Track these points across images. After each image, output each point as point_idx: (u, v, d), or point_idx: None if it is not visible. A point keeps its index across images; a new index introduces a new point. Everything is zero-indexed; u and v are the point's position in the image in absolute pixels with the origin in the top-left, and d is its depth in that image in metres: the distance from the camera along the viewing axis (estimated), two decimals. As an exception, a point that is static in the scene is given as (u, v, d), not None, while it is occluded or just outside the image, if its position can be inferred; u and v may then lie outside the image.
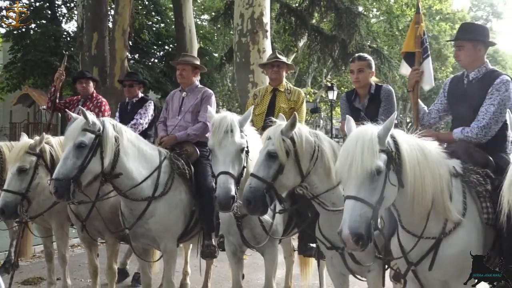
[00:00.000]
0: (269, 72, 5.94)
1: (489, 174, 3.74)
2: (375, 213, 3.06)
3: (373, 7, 25.19)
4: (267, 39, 11.09)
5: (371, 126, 3.24)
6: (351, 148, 3.11)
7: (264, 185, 3.73)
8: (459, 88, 4.33)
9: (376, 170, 3.07)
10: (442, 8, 26.65)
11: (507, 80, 4.09)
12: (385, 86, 5.00)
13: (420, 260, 3.50)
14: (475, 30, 4.43)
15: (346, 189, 3.10)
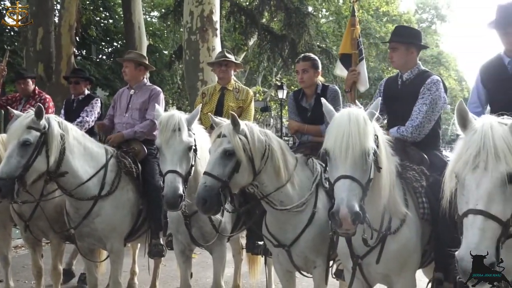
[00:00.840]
0: (217, 71, 5.94)
1: (424, 170, 3.87)
2: (364, 194, 3.08)
3: (323, 8, 25.48)
4: (216, 37, 11.08)
5: (358, 109, 3.28)
6: (346, 128, 3.09)
7: (219, 183, 3.71)
8: (394, 89, 4.48)
9: (371, 150, 3.10)
10: (389, 10, 27.31)
11: (438, 80, 4.26)
12: (331, 86, 5.10)
13: (367, 254, 3.57)
14: (408, 33, 4.60)
15: (340, 168, 3.05)
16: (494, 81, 3.99)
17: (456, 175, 2.56)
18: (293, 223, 4.16)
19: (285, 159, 4.13)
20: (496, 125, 2.51)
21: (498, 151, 2.42)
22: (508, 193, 2.41)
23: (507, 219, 2.40)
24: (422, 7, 43.86)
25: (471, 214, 2.41)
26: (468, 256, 2.32)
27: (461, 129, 2.62)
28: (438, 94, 4.21)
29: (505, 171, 2.39)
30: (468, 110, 2.63)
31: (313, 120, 5.00)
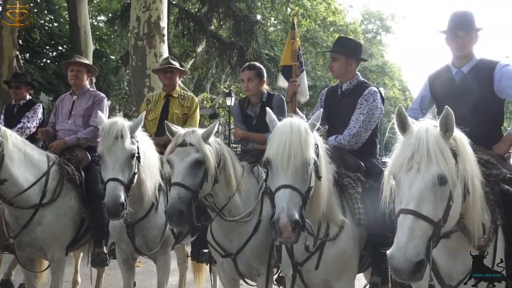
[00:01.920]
0: (162, 78, 5.90)
1: (359, 177, 3.96)
2: (304, 202, 3.14)
3: (271, 16, 25.73)
4: (164, 43, 11.01)
5: (300, 119, 3.35)
6: (288, 138, 3.15)
7: (191, 194, 3.67)
8: (334, 99, 4.60)
9: (311, 160, 3.17)
10: (336, 20, 27.81)
11: (375, 91, 4.40)
12: (276, 94, 5.16)
13: (306, 260, 3.63)
14: (349, 45, 4.73)
15: (281, 177, 3.11)
16: (442, 91, 4.11)
17: (393, 176, 2.64)
18: (239, 232, 4.17)
19: (235, 168, 4.15)
20: (431, 128, 2.61)
21: (430, 154, 2.51)
22: (439, 194, 2.49)
23: (439, 220, 2.48)
24: (368, 18, 44.85)
25: (402, 214, 2.48)
26: (398, 255, 2.38)
27: (401, 132, 2.71)
28: (375, 104, 4.34)
29: (436, 172, 2.48)
30: (407, 114, 2.71)
31: (258, 128, 5.03)
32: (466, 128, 3.36)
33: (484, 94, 3.89)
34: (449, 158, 2.54)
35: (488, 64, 3.98)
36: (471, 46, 4.03)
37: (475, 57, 4.03)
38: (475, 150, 3.33)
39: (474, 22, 4.03)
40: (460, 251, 3.00)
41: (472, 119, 3.67)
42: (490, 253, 3.05)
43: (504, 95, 3.96)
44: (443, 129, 2.60)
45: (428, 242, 2.44)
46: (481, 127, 3.73)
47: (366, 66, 36.52)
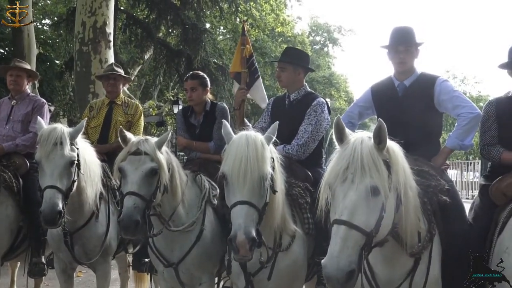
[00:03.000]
0: (105, 85, 5.83)
1: (308, 187, 4.03)
2: (261, 218, 3.14)
3: (220, 25, 25.79)
4: (110, 49, 10.85)
5: (255, 133, 3.34)
6: (244, 152, 3.13)
7: (145, 203, 3.63)
8: (281, 108, 4.65)
9: (268, 175, 3.17)
10: (284, 31, 28.14)
11: (323, 102, 4.48)
12: (220, 104, 5.17)
13: (258, 271, 3.62)
14: (297, 55, 4.80)
15: (238, 193, 3.09)
16: (384, 102, 4.21)
17: (329, 186, 2.69)
18: (180, 241, 4.15)
19: (181, 178, 4.13)
20: (366, 140, 2.67)
21: (364, 165, 2.57)
22: (372, 205, 2.55)
23: (371, 230, 2.53)
24: (316, 29, 45.47)
25: (336, 224, 2.53)
26: (331, 264, 2.43)
27: (338, 143, 2.76)
28: (323, 115, 4.42)
29: (369, 184, 2.54)
30: (344, 125, 2.78)
31: (201, 137, 5.04)
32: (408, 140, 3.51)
33: (425, 107, 4.02)
34: (382, 169, 2.60)
35: (428, 79, 4.11)
36: (411, 60, 4.14)
37: (416, 71, 4.15)
38: (416, 161, 3.48)
39: (414, 37, 4.13)
40: (396, 258, 3.08)
41: (412, 131, 3.82)
42: (425, 261, 3.17)
43: (443, 109, 4.10)
44: (377, 141, 2.67)
45: (360, 251, 2.49)
46: (421, 139, 3.87)
47: (313, 77, 36.99)
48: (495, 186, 3.76)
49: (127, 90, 10.72)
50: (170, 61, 18.44)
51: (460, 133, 4.01)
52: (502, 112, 4.04)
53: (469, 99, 4.20)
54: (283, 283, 3.71)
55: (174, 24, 17.91)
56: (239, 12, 18.60)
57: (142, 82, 25.56)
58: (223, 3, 18.82)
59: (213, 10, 19.40)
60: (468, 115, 3.97)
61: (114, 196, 4.79)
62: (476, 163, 22.56)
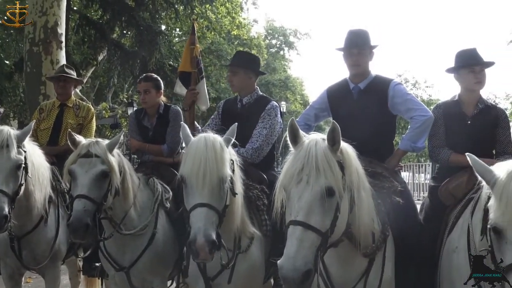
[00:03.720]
0: (56, 87, 5.73)
1: (264, 189, 4.04)
2: (221, 220, 3.13)
3: (176, 27, 25.61)
4: (61, 50, 10.60)
5: (214, 135, 3.32)
6: (203, 155, 3.11)
7: (95, 206, 3.58)
8: (233, 111, 4.63)
9: (227, 177, 3.16)
10: (240, 34, 28.17)
11: (276, 106, 4.52)
12: (173, 106, 5.15)
13: (218, 274, 3.60)
14: (248, 59, 4.83)
15: (197, 196, 3.08)
16: (340, 104, 4.25)
17: (284, 188, 2.70)
18: (132, 245, 4.11)
19: (132, 180, 4.09)
20: (320, 142, 2.70)
21: (319, 166, 2.60)
22: (327, 205, 2.58)
23: (326, 230, 2.56)
24: (272, 33, 45.66)
25: (292, 225, 2.55)
26: (287, 265, 2.44)
27: (292, 145, 2.78)
28: (276, 119, 4.46)
29: (324, 185, 2.57)
30: (299, 127, 2.79)
31: (154, 139, 5.00)
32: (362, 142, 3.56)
33: (379, 109, 4.09)
34: (336, 170, 2.64)
35: (382, 82, 4.18)
36: (366, 63, 4.19)
37: (371, 74, 4.21)
38: (370, 163, 3.54)
39: (369, 40, 4.19)
40: (351, 259, 3.13)
41: (367, 133, 3.87)
42: (379, 261, 3.23)
43: (396, 112, 4.18)
44: (331, 143, 2.70)
45: (316, 252, 2.51)
46: (375, 141, 3.94)
47: (269, 80, 37.21)
48: (444, 187, 3.87)
49: (79, 92, 10.51)
50: (125, 62, 18.15)
51: (412, 136, 4.09)
52: (449, 115, 4.17)
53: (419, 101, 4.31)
54: (242, 285, 3.71)
55: (129, 25, 17.64)
56: (195, 14, 18.47)
57: (96, 83, 25.09)
58: (179, 5, 18.70)
59: (168, 12, 19.22)
60: (421, 118, 4.05)
61: (64, 199, 4.68)
62: (427, 165, 23.11)
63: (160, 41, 18.01)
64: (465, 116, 4.18)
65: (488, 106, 4.26)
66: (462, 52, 4.27)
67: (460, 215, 3.49)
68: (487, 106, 4.25)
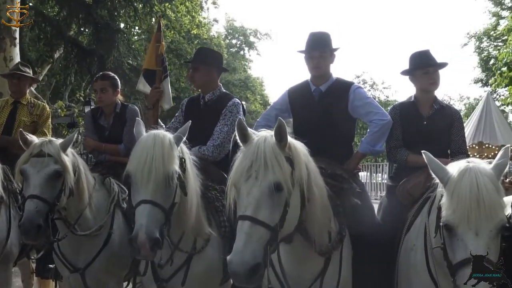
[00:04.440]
0: (9, 84, 5.59)
1: (224, 189, 4.02)
2: (167, 219, 3.08)
3: (135, 25, 25.31)
4: (15, 47, 10.34)
5: (165, 132, 3.29)
6: (150, 151, 3.08)
7: (48, 207, 3.49)
8: (196, 109, 4.60)
9: (174, 174, 3.11)
10: (200, 33, 28.04)
11: (238, 103, 4.50)
12: (130, 105, 5.09)
13: (172, 276, 3.55)
14: (210, 55, 4.78)
15: (141, 193, 3.03)
16: (301, 106, 4.26)
17: (234, 185, 2.70)
18: (87, 246, 4.04)
19: (88, 180, 4.01)
20: (269, 138, 2.71)
21: (267, 162, 2.60)
22: (275, 200, 2.58)
23: (275, 224, 2.56)
24: (232, 33, 45.65)
25: (240, 220, 2.55)
26: (236, 259, 2.43)
27: (242, 143, 2.78)
28: (238, 116, 4.38)
29: (272, 180, 2.57)
30: (246, 126, 2.79)
31: (111, 139, 4.93)
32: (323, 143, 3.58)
33: (339, 112, 4.11)
34: (284, 166, 2.65)
35: (343, 85, 4.21)
36: (327, 66, 4.21)
37: (332, 77, 4.23)
38: (330, 165, 3.56)
39: (330, 42, 4.20)
40: (307, 258, 3.14)
41: (327, 135, 3.92)
42: (336, 262, 3.25)
43: (356, 115, 4.20)
44: (278, 139, 2.70)
45: (265, 246, 2.51)
46: (336, 143, 3.99)
47: (229, 80, 37.17)
48: (402, 187, 3.94)
49: (34, 90, 10.26)
50: (82, 60, 17.82)
51: (371, 139, 4.13)
52: (406, 116, 4.25)
53: (379, 104, 4.34)
54: (198, 287, 3.66)
55: (86, 23, 17.35)
56: (154, 13, 18.28)
57: (53, 81, 24.56)
58: (138, 3, 18.46)
59: (127, 10, 18.95)
60: (380, 122, 4.09)
61: (16, 200, 4.56)
62: (384, 165, 23.48)
63: (118, 39, 17.77)
64: (421, 116, 4.26)
65: (443, 107, 4.35)
66: (416, 54, 4.34)
67: (418, 214, 3.54)
68: (442, 106, 4.35)
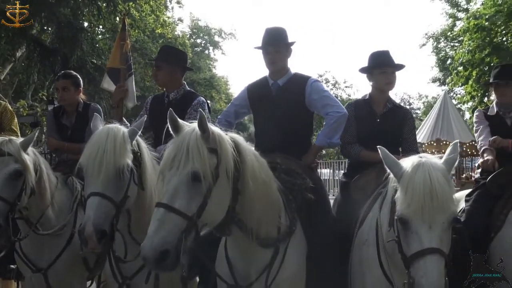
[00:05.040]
0: None
1: None
2: (118, 211, 3.08)
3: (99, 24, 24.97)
4: (-24, 46, 10.13)
5: (119, 126, 3.29)
6: (102, 145, 3.08)
7: (8, 207, 3.45)
8: (160, 107, 4.56)
9: (126, 167, 3.11)
10: (165, 33, 27.83)
11: (203, 101, 4.54)
12: (93, 104, 5.06)
13: (135, 274, 3.53)
14: (174, 54, 4.81)
15: (92, 185, 3.04)
16: (259, 101, 4.27)
17: (161, 174, 2.72)
18: (50, 246, 4.01)
19: (50, 180, 3.96)
20: (196, 130, 2.72)
21: (189, 152, 2.63)
22: (193, 190, 2.61)
23: (193, 214, 2.58)
24: (197, 32, 45.43)
25: (156, 207, 2.59)
26: (146, 244, 2.46)
27: (173, 134, 2.79)
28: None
29: (191, 170, 2.60)
30: (177, 117, 2.81)
31: (73, 138, 4.88)
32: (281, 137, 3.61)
33: (296, 106, 4.14)
34: (205, 157, 2.66)
35: (301, 79, 4.23)
36: (282, 60, 4.23)
37: (290, 71, 4.26)
38: (286, 160, 3.61)
39: (285, 37, 4.22)
40: (252, 251, 3.17)
41: (285, 129, 3.95)
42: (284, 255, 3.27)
43: (313, 108, 4.23)
44: (201, 130, 2.73)
45: (180, 234, 2.52)
46: (294, 137, 4.02)
47: (194, 79, 36.94)
48: (355, 183, 4.01)
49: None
50: (45, 59, 17.45)
51: (328, 132, 4.15)
52: (360, 113, 4.34)
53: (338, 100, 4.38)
54: (161, 284, 3.60)
55: (49, 21, 17.01)
56: (118, 12, 18.06)
57: (15, 80, 24.04)
58: (101, 2, 18.21)
59: (91, 9, 18.68)
60: (336, 114, 4.11)
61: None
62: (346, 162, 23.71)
63: (82, 38, 17.49)
64: (375, 114, 4.36)
65: (396, 106, 4.47)
66: (376, 53, 4.44)
67: (370, 209, 3.61)
68: (395, 106, 4.46)
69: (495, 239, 3.83)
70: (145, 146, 3.50)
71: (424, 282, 2.49)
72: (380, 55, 4.41)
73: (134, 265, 3.42)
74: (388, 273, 3.18)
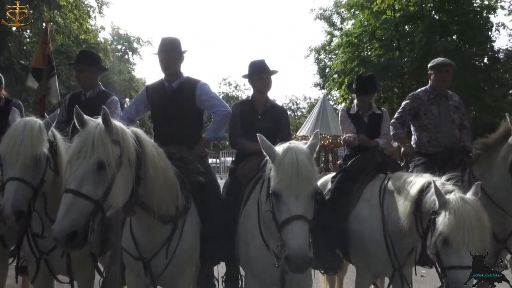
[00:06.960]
0: None
1: None
2: (35, 194, 2.99)
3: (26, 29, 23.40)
4: None
5: (35, 118, 3.20)
6: (19, 135, 2.99)
7: None
8: (78, 104, 4.33)
9: (42, 155, 3.02)
10: (88, 38, 26.54)
11: (116, 100, 4.54)
12: (14, 100, 4.85)
13: (52, 250, 3.40)
14: (91, 58, 4.76)
15: (10, 171, 2.94)
16: (156, 100, 4.22)
17: (69, 163, 2.63)
18: None
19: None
20: (100, 125, 2.67)
21: (94, 144, 2.58)
22: (99, 177, 2.55)
23: (99, 198, 2.52)
24: (117, 39, 44.13)
25: (65, 193, 2.50)
26: (56, 227, 2.40)
27: (80, 128, 2.72)
28: (116, 111, 4.43)
29: (96, 159, 2.55)
30: (82, 113, 2.74)
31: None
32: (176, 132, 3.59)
33: (188, 105, 4.14)
34: (109, 148, 2.61)
35: (191, 82, 4.23)
36: (175, 66, 4.20)
37: (183, 75, 4.24)
38: (180, 149, 3.64)
39: (178, 46, 4.20)
40: (153, 227, 3.17)
41: (179, 125, 3.98)
42: (181, 229, 3.33)
43: (203, 107, 4.27)
44: (105, 125, 2.69)
45: (88, 216, 2.46)
46: (186, 131, 4.05)
47: (115, 80, 35.67)
48: (240, 168, 4.09)
49: None
50: (-27, 59, 16.15)
51: (215, 127, 4.22)
52: (245, 112, 4.46)
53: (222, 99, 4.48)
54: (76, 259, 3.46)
55: (-24, 25, 15.68)
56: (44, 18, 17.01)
57: None
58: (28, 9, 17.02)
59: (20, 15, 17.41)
60: (221, 113, 4.20)
61: None
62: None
63: (9, 41, 16.33)
64: (257, 112, 4.49)
65: (273, 105, 4.61)
66: (254, 63, 4.53)
67: (252, 190, 3.71)
68: (273, 105, 4.60)
69: (353, 211, 4.07)
70: (60, 136, 3.39)
71: (292, 243, 2.59)
72: (258, 63, 4.50)
73: (50, 242, 3.27)
74: (266, 240, 3.31)
